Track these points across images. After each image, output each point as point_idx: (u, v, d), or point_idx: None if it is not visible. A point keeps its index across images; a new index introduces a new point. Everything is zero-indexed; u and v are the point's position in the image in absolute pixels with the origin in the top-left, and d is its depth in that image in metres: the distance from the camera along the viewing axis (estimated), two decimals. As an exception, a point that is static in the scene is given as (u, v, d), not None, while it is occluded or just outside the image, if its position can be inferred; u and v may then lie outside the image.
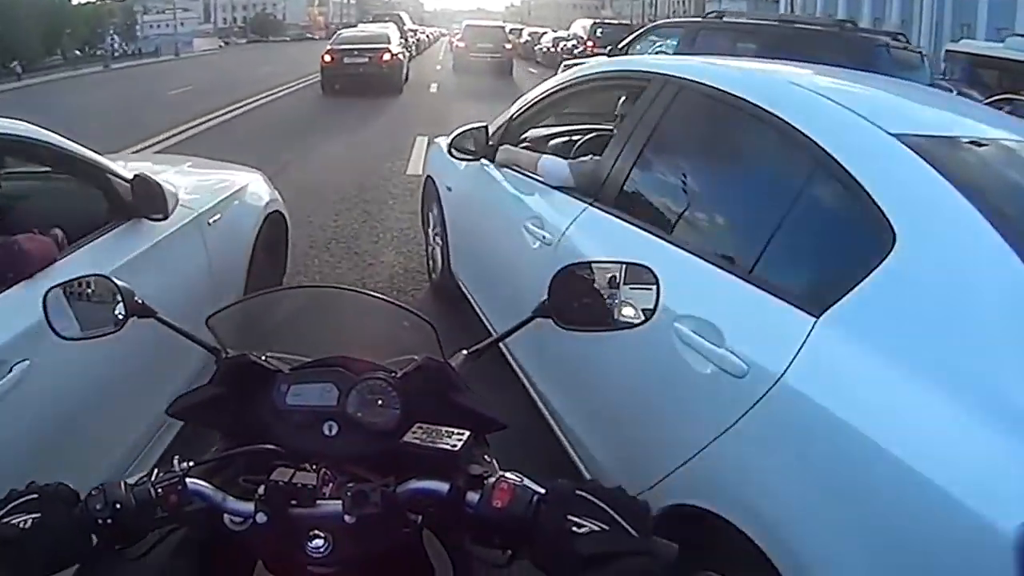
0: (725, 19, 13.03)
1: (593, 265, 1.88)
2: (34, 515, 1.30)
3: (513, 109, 5.11)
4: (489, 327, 4.86)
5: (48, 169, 3.84)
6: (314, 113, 20.05)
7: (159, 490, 1.37)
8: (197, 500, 1.43)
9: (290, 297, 2.65)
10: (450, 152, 5.01)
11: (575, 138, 5.36)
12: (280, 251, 5.85)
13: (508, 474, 1.42)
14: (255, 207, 5.30)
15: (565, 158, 4.86)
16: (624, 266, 1.85)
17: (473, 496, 1.40)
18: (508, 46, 34.22)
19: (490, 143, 5.02)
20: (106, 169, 3.62)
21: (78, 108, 19.46)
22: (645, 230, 3.24)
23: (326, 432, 1.64)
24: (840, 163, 2.51)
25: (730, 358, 2.44)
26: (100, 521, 1.32)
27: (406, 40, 32.15)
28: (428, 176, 6.71)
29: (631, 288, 1.83)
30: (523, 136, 5.28)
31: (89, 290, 1.88)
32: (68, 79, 26.63)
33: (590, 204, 3.67)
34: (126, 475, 1.44)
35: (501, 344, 2.22)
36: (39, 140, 3.28)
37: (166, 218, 3.73)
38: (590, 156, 4.09)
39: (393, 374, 1.69)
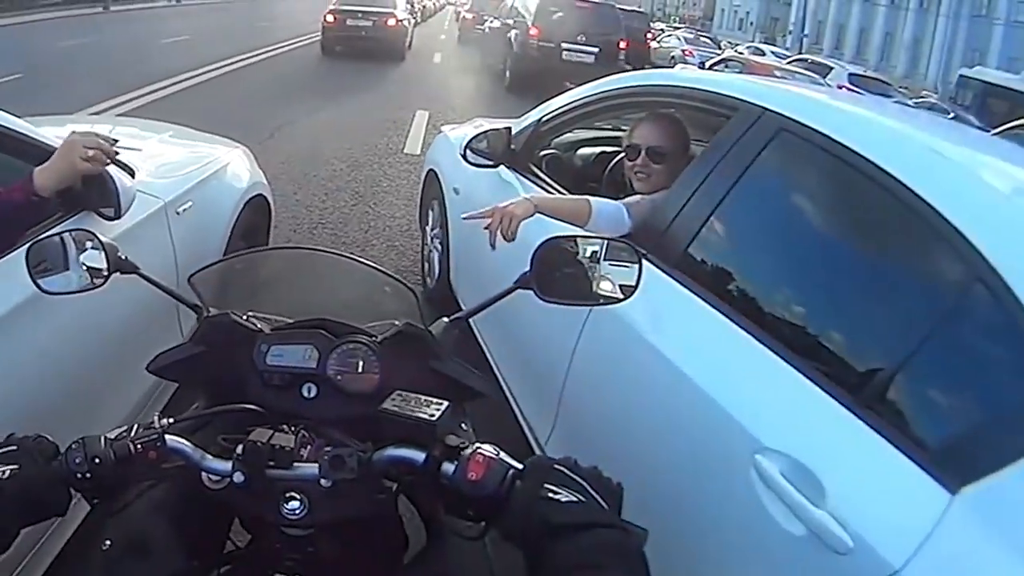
0: None
1: (577, 240, 1.91)
2: (11, 467, 1.30)
3: (541, 111, 4.37)
4: (492, 362, 4.21)
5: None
6: (311, 76, 19.13)
7: (138, 446, 1.38)
8: (175, 457, 1.45)
9: (273, 258, 2.75)
10: (464, 157, 4.22)
11: (608, 150, 4.60)
12: (261, 240, 5.21)
13: (485, 446, 1.41)
14: (234, 191, 4.67)
15: (597, 183, 4.14)
16: (607, 242, 1.90)
17: (449, 467, 1.40)
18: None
19: (512, 147, 4.29)
20: (48, 149, 2.98)
21: (59, 53, 18.44)
22: (719, 310, 2.52)
23: (305, 394, 1.70)
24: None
25: (830, 525, 1.81)
26: (79, 475, 1.33)
27: (412, 6, 31.22)
28: (431, 169, 5.98)
29: (613, 264, 1.87)
30: (551, 143, 4.57)
31: (72, 245, 1.89)
32: (62, 19, 25.54)
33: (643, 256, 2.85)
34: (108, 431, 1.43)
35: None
36: None
37: (118, 217, 3.15)
38: (641, 197, 3.31)
39: (373, 338, 1.73)
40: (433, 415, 1.46)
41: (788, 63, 28.32)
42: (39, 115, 4.91)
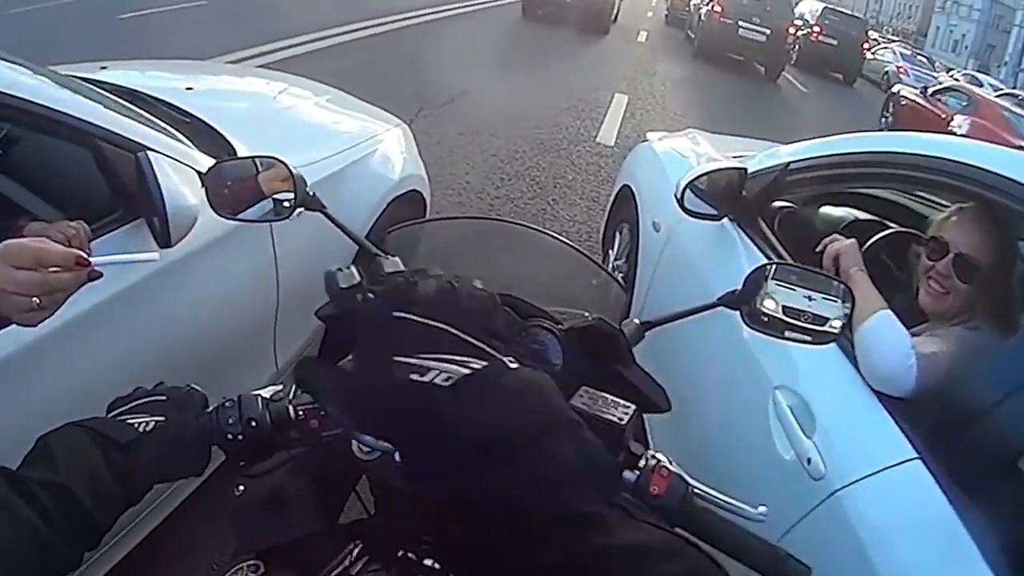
0: None
1: (795, 269, 1.74)
2: (157, 418, 1.25)
3: (791, 153, 3.32)
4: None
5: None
6: (505, 39, 18.33)
7: (300, 412, 1.35)
8: (336, 426, 1.38)
9: (473, 225, 2.63)
10: (681, 202, 3.17)
11: (865, 219, 3.55)
12: (405, 247, 4.43)
13: (661, 457, 1.34)
14: (377, 186, 3.85)
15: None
16: (827, 279, 1.73)
17: (629, 475, 1.32)
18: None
19: (744, 193, 3.27)
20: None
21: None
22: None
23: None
24: None
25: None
26: (230, 436, 1.29)
27: (621, -23, 30.34)
28: (626, 185, 4.98)
29: (824, 301, 1.69)
30: (792, 196, 3.50)
31: (258, 170, 1.82)
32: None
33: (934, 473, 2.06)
34: (261, 388, 1.37)
35: None
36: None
37: (166, 245, 2.46)
38: (939, 350, 2.37)
39: (560, 326, 1.62)
40: (622, 418, 1.40)
41: (997, 96, 25.93)
42: (184, 59, 4.37)
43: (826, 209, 3.75)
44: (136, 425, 1.21)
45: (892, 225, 3.46)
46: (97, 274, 1.34)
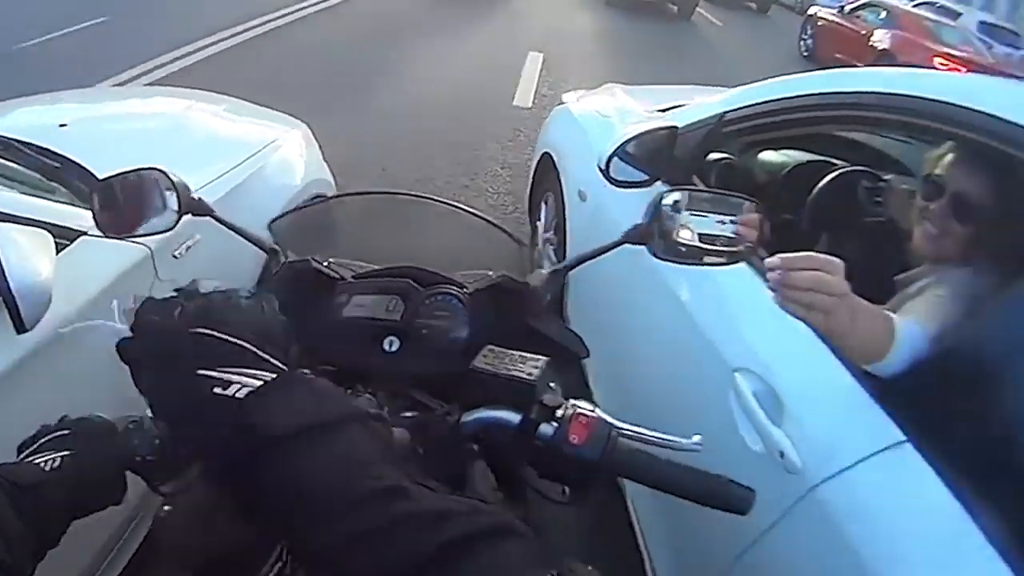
0: None
1: (697, 194, 1.70)
2: (63, 453, 1.16)
3: (726, 102, 2.96)
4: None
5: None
6: (414, 13, 17.14)
7: None
8: None
9: (360, 201, 2.50)
10: (607, 173, 2.79)
11: (815, 159, 3.19)
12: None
13: (582, 404, 1.32)
14: (280, 193, 3.66)
15: (794, 215, 2.82)
16: (737, 200, 1.69)
17: (547, 429, 1.31)
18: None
19: (676, 153, 2.91)
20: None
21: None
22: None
23: (386, 348, 1.61)
24: None
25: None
26: (139, 458, 1.24)
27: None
28: (546, 153, 4.68)
29: (732, 223, 1.67)
30: (734, 147, 3.17)
31: (141, 184, 1.77)
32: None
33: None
34: None
35: None
36: None
37: (23, 330, 2.03)
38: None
39: (464, 290, 1.66)
40: (531, 373, 1.39)
41: (913, 7, 25.36)
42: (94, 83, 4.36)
43: (765, 155, 3.44)
44: (41, 464, 1.13)
45: (838, 163, 3.20)
46: None
